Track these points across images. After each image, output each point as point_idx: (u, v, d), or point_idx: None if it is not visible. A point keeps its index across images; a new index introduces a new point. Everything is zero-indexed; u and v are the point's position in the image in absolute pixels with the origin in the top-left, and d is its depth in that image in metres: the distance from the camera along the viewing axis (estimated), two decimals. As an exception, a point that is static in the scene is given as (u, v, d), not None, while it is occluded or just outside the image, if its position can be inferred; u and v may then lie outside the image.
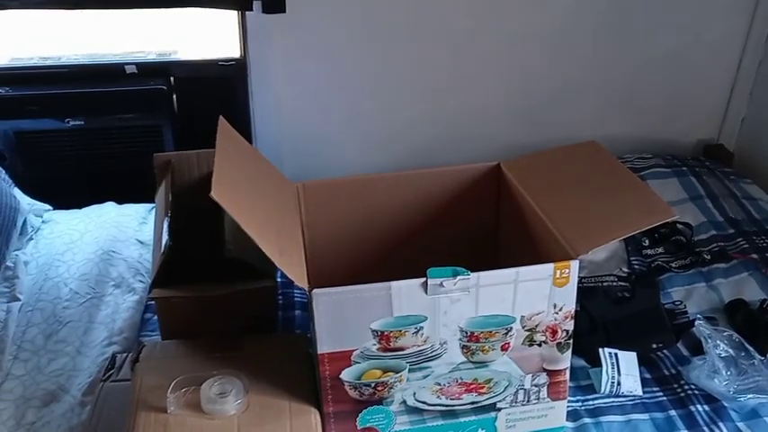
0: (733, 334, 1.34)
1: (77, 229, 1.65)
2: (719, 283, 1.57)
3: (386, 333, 1.04)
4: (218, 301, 1.23)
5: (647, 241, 1.67)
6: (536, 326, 1.08)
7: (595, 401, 1.29)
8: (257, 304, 1.28)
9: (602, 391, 1.29)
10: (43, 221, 1.69)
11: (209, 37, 1.92)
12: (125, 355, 1.28)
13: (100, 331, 1.38)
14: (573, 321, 1.09)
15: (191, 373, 1.10)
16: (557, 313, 1.07)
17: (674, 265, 1.61)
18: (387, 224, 1.37)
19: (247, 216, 0.99)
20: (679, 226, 1.72)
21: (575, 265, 1.05)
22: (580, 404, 1.28)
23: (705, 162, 2.03)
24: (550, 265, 1.04)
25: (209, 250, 1.26)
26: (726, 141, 2.17)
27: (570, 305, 1.08)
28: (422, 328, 1.04)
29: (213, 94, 1.88)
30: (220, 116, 1.20)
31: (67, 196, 1.78)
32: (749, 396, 1.26)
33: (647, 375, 1.34)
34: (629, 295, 1.46)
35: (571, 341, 1.11)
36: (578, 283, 1.51)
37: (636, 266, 1.63)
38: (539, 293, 1.06)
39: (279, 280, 1.35)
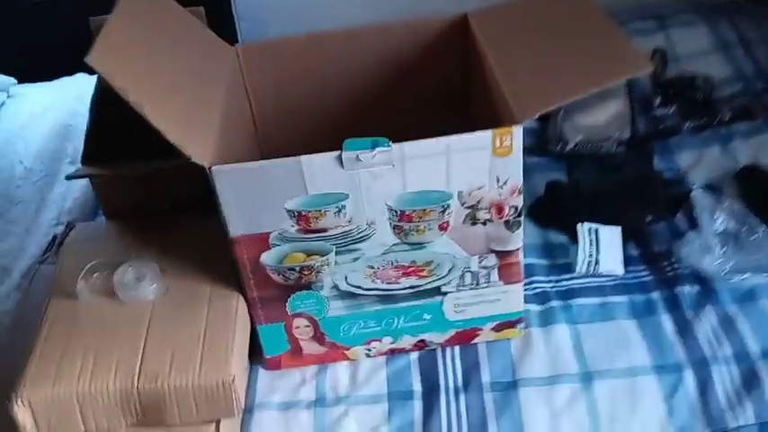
0: (734, 204, 1.17)
1: (42, 102, 1.56)
2: (737, 147, 1.37)
3: (303, 213, 0.93)
4: (154, 179, 1.14)
5: (658, 100, 1.47)
6: (477, 202, 0.94)
7: (570, 282, 1.16)
8: (195, 182, 1.18)
9: (578, 270, 1.17)
10: (9, 96, 1.61)
11: None
12: (65, 235, 1.22)
13: (50, 211, 1.33)
14: (521, 196, 0.95)
15: (112, 256, 1.04)
16: (501, 188, 0.93)
17: (685, 125, 1.41)
18: (345, 86, 1.22)
19: (135, 83, 0.87)
20: (697, 80, 1.49)
21: (518, 131, 0.89)
22: (552, 285, 1.16)
23: (743, 5, 1.74)
24: (488, 133, 0.89)
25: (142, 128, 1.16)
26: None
27: (516, 178, 0.93)
28: (343, 207, 0.92)
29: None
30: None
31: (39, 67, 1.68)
32: (745, 275, 1.11)
33: (635, 252, 1.20)
34: (618, 162, 1.29)
35: (521, 218, 0.97)
36: (571, 150, 1.39)
37: (642, 129, 1.43)
38: (477, 166, 0.91)
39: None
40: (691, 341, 1.05)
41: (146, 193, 1.17)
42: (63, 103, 1.55)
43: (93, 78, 1.62)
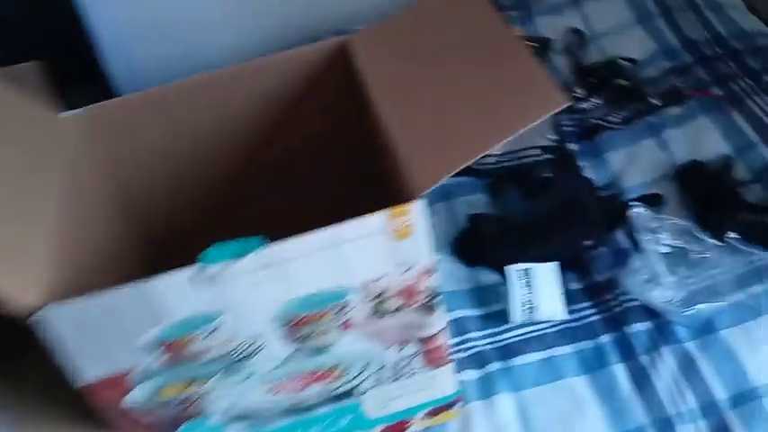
0: (679, 222, 1.03)
1: None
2: (671, 137, 1.22)
3: (168, 343, 0.74)
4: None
5: (580, 92, 1.31)
6: (382, 292, 0.77)
7: (508, 334, 1.01)
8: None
9: (515, 319, 1.01)
10: None
11: None
12: None
13: None
14: (435, 276, 0.78)
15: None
16: (406, 272, 0.76)
17: (614, 119, 1.26)
18: (220, 144, 1.02)
19: None
20: (622, 63, 1.34)
21: (417, 208, 0.72)
22: (488, 341, 1.00)
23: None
24: (381, 217, 0.71)
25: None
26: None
27: (426, 258, 0.76)
28: (216, 328, 0.74)
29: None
30: None
31: None
32: (701, 305, 0.97)
33: (576, 286, 1.05)
34: (543, 183, 1.13)
35: (439, 298, 0.80)
36: (493, 165, 1.22)
37: (568, 129, 1.28)
38: (374, 253, 0.74)
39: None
40: (649, 395, 0.92)
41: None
42: None
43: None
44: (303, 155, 1.01)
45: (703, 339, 0.96)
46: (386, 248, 0.74)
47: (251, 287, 0.72)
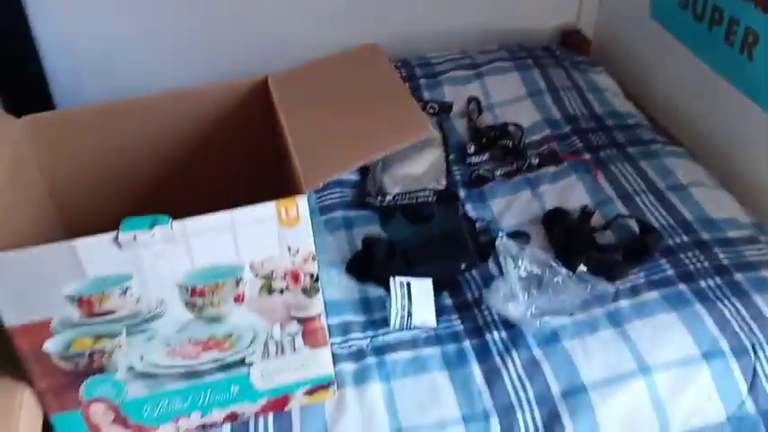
0: (537, 251, 1.22)
1: None
2: (545, 191, 1.44)
3: (84, 297, 0.88)
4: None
5: (471, 148, 1.52)
6: (271, 272, 0.93)
7: (385, 337, 1.17)
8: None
9: (393, 325, 1.18)
10: None
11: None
12: None
13: None
14: (316, 263, 0.95)
15: None
16: (293, 256, 0.93)
17: (497, 173, 1.48)
18: (149, 158, 1.18)
19: None
20: (510, 128, 1.57)
21: (303, 201, 0.89)
22: (368, 341, 1.16)
23: (556, 52, 1.86)
24: (272, 205, 0.88)
25: None
26: (584, 26, 2.00)
27: (308, 246, 0.93)
28: (128, 288, 0.89)
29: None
30: None
31: None
32: (547, 318, 1.16)
33: (449, 302, 1.23)
34: (428, 215, 1.32)
35: (318, 284, 0.97)
36: (390, 202, 1.41)
37: (458, 177, 1.48)
38: (265, 237, 0.90)
39: None
40: (498, 388, 1.08)
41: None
42: None
43: None
44: (219, 166, 1.18)
45: (547, 347, 1.13)
46: (275, 233, 0.91)
47: (157, 256, 0.88)
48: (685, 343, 1.13)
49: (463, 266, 1.26)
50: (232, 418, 1.05)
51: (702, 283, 1.21)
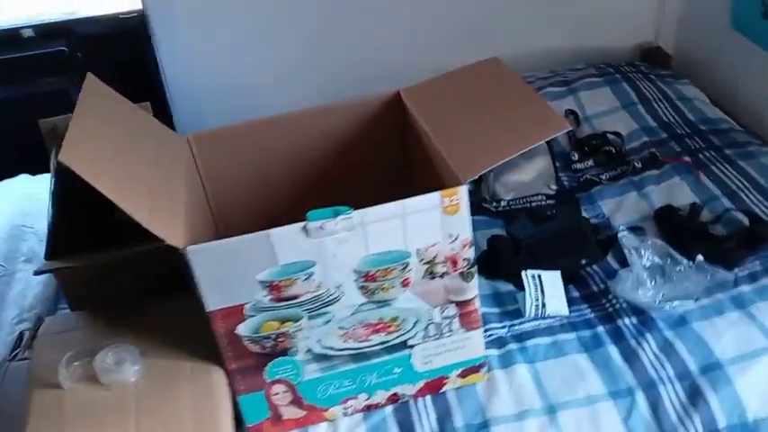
0: (657, 242, 1.30)
1: (-14, 207, 1.58)
2: (651, 191, 1.52)
3: (275, 283, 0.99)
4: (118, 267, 1.18)
5: (576, 155, 1.62)
6: (434, 258, 1.03)
7: (522, 326, 1.25)
8: (160, 264, 1.23)
9: (528, 314, 1.26)
10: (-47, 203, 1.62)
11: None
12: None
13: (11, 309, 1.33)
14: (473, 249, 1.04)
15: (88, 343, 1.06)
16: (453, 242, 1.03)
17: (603, 177, 1.56)
18: (292, 167, 1.30)
19: (106, 177, 0.93)
20: (610, 136, 1.66)
21: (463, 190, 0.99)
22: (506, 330, 1.25)
23: (641, 67, 1.95)
24: (436, 194, 0.99)
25: (101, 216, 1.21)
26: (663, 43, 2.09)
27: (466, 233, 1.03)
28: (312, 273, 0.99)
29: (118, 50, 1.79)
30: (88, 73, 1.13)
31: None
32: (675, 303, 1.23)
33: (576, 294, 1.31)
34: (550, 214, 1.41)
35: (475, 269, 1.06)
36: (505, 207, 1.50)
37: (566, 182, 1.57)
38: (430, 224, 1.00)
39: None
40: (637, 366, 1.15)
41: (109, 281, 1.21)
42: (9, 204, 1.57)
43: (38, 179, 1.67)
44: (357, 173, 1.29)
45: (678, 329, 1.20)
46: (438, 221, 1.00)
47: (339, 243, 0.98)
48: (811, 321, 1.19)
49: (584, 261, 1.34)
50: (394, 399, 1.14)
51: (819, 267, 1.27)
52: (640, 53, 2.10)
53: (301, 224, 0.96)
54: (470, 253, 1.05)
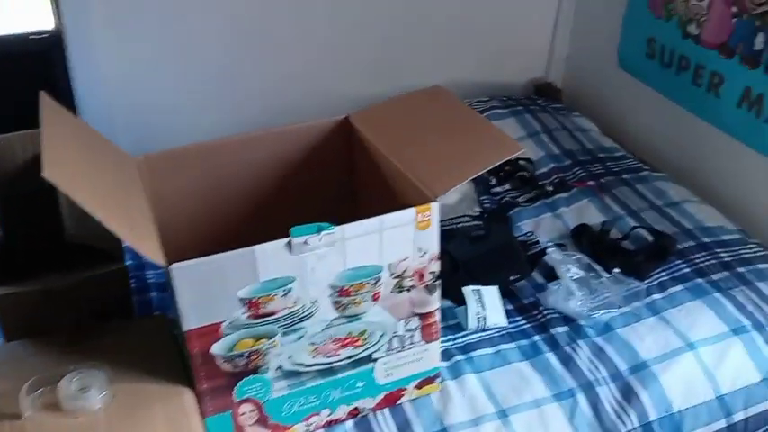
0: (582, 257, 1.43)
1: None
2: (563, 212, 1.66)
3: (254, 300, 1.00)
4: (66, 292, 1.14)
5: (494, 180, 1.73)
6: (403, 272, 1.08)
7: (465, 338, 1.33)
8: (109, 290, 1.20)
9: (470, 327, 1.34)
10: None
11: (17, 10, 1.74)
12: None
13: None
14: (438, 262, 1.11)
15: (45, 371, 1.02)
16: (422, 257, 1.08)
17: (520, 199, 1.69)
18: (240, 190, 1.31)
19: (89, 195, 0.91)
20: (521, 162, 1.79)
21: (435, 206, 1.05)
22: (451, 343, 1.31)
23: (537, 100, 2.12)
24: (412, 210, 1.04)
25: (47, 237, 1.16)
26: (554, 79, 2.28)
27: (434, 247, 1.09)
28: (290, 289, 1.02)
29: (28, 71, 1.71)
30: (41, 92, 1.09)
31: None
32: (601, 312, 1.35)
33: (510, 306, 1.40)
34: (483, 233, 1.51)
35: (439, 282, 1.12)
36: (436, 227, 1.58)
37: (487, 205, 1.68)
38: (403, 239, 1.06)
39: (129, 262, 1.27)
40: (575, 371, 1.26)
41: (51, 307, 1.16)
42: None
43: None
44: (305, 198, 1.32)
45: (605, 335, 1.32)
46: (411, 235, 1.06)
47: (318, 258, 1.01)
48: (715, 323, 1.34)
49: (514, 277, 1.45)
50: (354, 414, 1.17)
51: (714, 276, 1.45)
52: (534, 88, 2.28)
53: (285, 240, 0.98)
54: (436, 266, 1.11)
